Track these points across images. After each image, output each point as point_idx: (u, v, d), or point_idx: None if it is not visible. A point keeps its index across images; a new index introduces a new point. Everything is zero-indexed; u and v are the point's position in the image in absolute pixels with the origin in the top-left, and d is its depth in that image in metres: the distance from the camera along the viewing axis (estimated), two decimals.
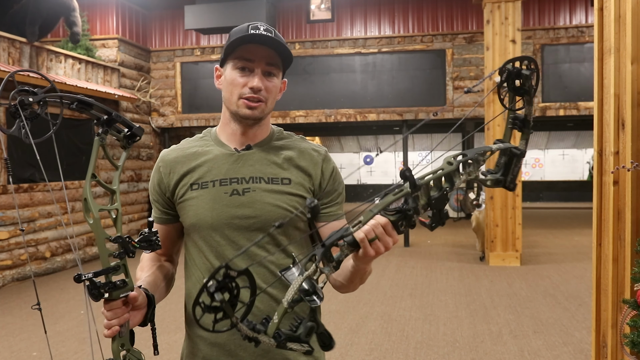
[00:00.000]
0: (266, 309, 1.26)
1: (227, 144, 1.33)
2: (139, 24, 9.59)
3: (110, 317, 1.07)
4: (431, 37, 9.08)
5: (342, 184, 1.41)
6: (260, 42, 1.25)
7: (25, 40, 6.71)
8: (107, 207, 1.09)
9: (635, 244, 2.19)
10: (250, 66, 1.26)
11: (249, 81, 1.26)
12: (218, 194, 1.28)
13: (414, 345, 4.01)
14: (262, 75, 1.27)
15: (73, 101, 1.05)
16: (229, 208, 1.27)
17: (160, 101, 9.74)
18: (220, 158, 1.31)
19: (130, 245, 1.06)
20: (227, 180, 1.28)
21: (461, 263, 7.09)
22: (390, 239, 0.96)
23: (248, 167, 1.30)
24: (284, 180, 1.30)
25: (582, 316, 4.65)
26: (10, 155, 6.22)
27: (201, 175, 1.30)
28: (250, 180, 1.28)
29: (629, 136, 2.22)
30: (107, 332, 1.08)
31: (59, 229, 7.06)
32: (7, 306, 5.30)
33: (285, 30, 9.54)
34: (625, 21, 2.23)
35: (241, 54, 1.26)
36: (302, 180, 1.32)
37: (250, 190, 1.27)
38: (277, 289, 1.28)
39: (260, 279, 1.27)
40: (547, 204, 16.53)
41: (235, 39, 1.25)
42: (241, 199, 1.27)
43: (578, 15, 8.90)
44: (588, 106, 8.65)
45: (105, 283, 1.05)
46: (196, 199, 1.28)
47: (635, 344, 2.00)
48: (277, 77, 1.30)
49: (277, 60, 1.28)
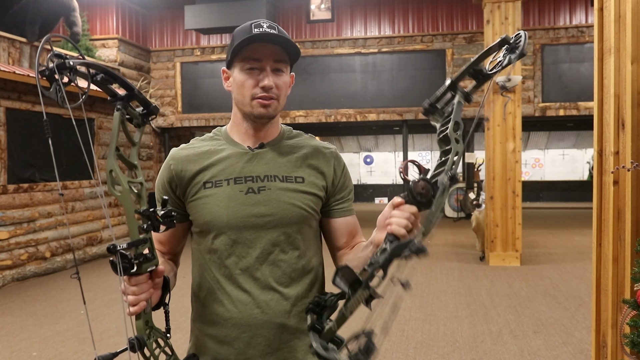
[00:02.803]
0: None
1: (240, 143, 1.34)
2: (139, 24, 9.59)
3: (138, 292, 1.04)
4: (431, 37, 9.08)
5: (351, 181, 1.44)
6: (266, 40, 1.25)
7: (25, 40, 6.71)
8: (134, 180, 1.07)
9: (635, 244, 2.19)
10: (258, 65, 1.27)
11: (260, 80, 1.26)
12: (233, 192, 1.27)
13: (414, 345, 4.01)
14: (272, 72, 1.27)
15: (100, 72, 1.02)
16: (245, 206, 1.27)
17: (160, 101, 9.74)
18: (233, 156, 1.31)
19: (155, 219, 1.04)
20: (242, 178, 1.28)
21: (461, 263, 7.09)
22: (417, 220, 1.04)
23: (262, 166, 1.30)
24: (297, 178, 1.31)
25: (582, 316, 4.65)
26: (10, 155, 6.22)
27: (215, 174, 1.29)
28: (265, 178, 1.29)
29: (629, 136, 2.22)
30: (134, 308, 1.04)
31: (59, 229, 7.06)
32: (7, 306, 5.30)
33: (285, 30, 9.53)
34: (625, 21, 2.23)
35: (248, 55, 1.26)
36: (315, 178, 1.33)
37: (266, 189, 1.28)
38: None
39: (274, 280, 1.28)
40: (547, 204, 16.52)
41: (242, 40, 1.24)
42: (257, 197, 1.27)
43: (578, 15, 8.90)
44: (588, 106, 8.65)
45: (136, 255, 1.02)
46: (211, 197, 1.28)
47: (635, 344, 2.00)
48: (285, 73, 1.31)
49: (284, 56, 1.28)
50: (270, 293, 1.28)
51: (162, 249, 1.36)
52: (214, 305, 1.30)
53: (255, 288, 1.28)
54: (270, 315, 1.28)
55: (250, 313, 1.27)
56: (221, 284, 1.29)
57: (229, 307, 1.29)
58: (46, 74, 0.96)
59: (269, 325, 1.28)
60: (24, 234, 6.47)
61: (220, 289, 1.30)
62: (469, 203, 8.02)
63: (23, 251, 6.43)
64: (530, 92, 8.83)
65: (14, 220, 6.31)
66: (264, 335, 1.28)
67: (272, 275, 1.28)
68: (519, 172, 6.85)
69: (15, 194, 6.33)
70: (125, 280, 1.04)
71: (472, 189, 8.78)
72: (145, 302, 1.05)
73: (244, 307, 1.28)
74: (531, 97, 8.83)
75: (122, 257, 1.00)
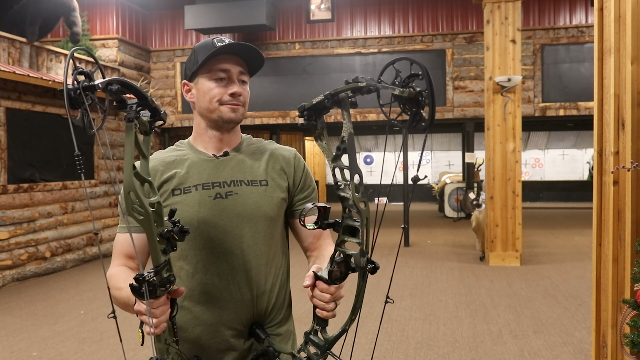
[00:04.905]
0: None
1: (204, 152, 1.39)
2: (139, 24, 9.59)
3: (159, 314, 1.06)
4: (431, 37, 9.08)
5: (313, 181, 1.50)
6: (237, 50, 1.33)
7: (25, 40, 6.71)
8: (153, 200, 1.00)
9: (635, 244, 2.19)
10: (226, 76, 1.34)
11: (228, 89, 1.34)
12: (202, 198, 1.32)
13: (414, 345, 4.01)
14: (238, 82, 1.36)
15: (117, 83, 0.94)
16: (214, 211, 1.32)
17: (160, 101, 9.74)
18: (199, 164, 1.37)
19: (172, 238, 1.03)
20: (209, 184, 1.34)
21: (461, 263, 7.09)
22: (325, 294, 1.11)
23: (229, 172, 1.36)
24: (262, 182, 1.38)
25: (582, 316, 4.65)
26: (10, 155, 6.22)
27: (182, 181, 1.34)
28: (232, 183, 1.35)
29: (629, 136, 2.22)
30: (157, 330, 1.06)
31: (59, 229, 7.06)
32: (7, 306, 5.30)
33: (285, 30, 9.54)
34: (625, 21, 2.23)
35: (216, 67, 1.33)
36: (278, 180, 1.40)
37: (233, 193, 1.34)
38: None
39: (234, 280, 1.33)
40: (547, 204, 16.52)
41: (214, 50, 1.30)
42: (225, 202, 1.33)
43: (578, 15, 8.90)
44: (588, 106, 8.65)
45: (162, 281, 1.02)
46: (180, 203, 1.32)
47: (635, 344, 2.00)
48: (247, 84, 1.40)
49: (246, 69, 1.38)
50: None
51: (133, 264, 1.35)
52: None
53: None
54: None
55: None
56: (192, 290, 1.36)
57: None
58: (71, 96, 0.90)
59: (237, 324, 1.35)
60: (24, 234, 6.46)
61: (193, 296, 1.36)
62: (469, 203, 8.02)
63: (23, 251, 6.43)
64: (530, 92, 8.83)
65: (14, 220, 6.31)
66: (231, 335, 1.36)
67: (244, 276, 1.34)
68: (519, 172, 6.85)
69: (15, 194, 6.33)
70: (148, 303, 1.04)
71: (472, 189, 8.78)
72: (166, 322, 1.08)
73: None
74: (531, 97, 8.83)
75: (148, 285, 0.99)
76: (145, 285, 0.98)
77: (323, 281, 1.09)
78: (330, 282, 1.07)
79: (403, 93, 0.99)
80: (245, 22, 8.70)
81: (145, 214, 0.97)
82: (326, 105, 0.99)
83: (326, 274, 1.07)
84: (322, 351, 1.10)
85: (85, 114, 0.91)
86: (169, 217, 1.07)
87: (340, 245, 1.03)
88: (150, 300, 1.02)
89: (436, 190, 13.95)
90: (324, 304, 1.10)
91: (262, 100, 9.27)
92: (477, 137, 14.00)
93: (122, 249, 1.34)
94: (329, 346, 1.10)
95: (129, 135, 0.96)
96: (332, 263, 1.05)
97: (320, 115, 1.01)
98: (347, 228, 1.02)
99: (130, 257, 1.34)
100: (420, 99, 1.00)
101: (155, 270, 1.00)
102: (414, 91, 1.00)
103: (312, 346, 1.13)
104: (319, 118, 1.01)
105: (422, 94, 1.00)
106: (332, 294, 1.10)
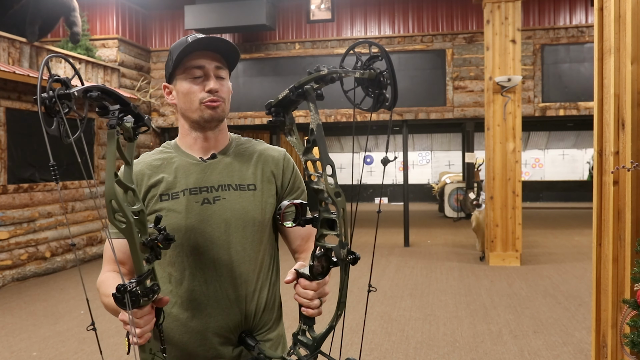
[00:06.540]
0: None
1: (191, 154, 1.36)
2: (139, 24, 9.59)
3: (143, 325, 1.04)
4: (431, 37, 9.08)
5: (302, 182, 1.45)
6: (207, 44, 1.29)
7: (25, 40, 6.71)
8: (135, 209, 0.99)
9: (635, 244, 2.19)
10: (202, 73, 1.30)
11: (205, 86, 1.30)
12: (189, 204, 1.29)
13: (414, 345, 4.00)
14: (215, 78, 1.32)
15: (97, 90, 0.93)
16: (202, 217, 1.29)
17: (160, 101, 9.74)
18: (186, 167, 1.33)
19: (157, 246, 1.02)
20: (197, 189, 1.31)
21: (461, 263, 7.09)
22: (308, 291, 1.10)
23: (216, 175, 1.33)
24: (250, 186, 1.34)
25: (582, 316, 4.65)
26: (10, 155, 6.22)
27: (170, 186, 1.31)
28: (220, 188, 1.32)
29: (629, 136, 2.22)
30: (141, 340, 1.04)
31: (59, 229, 7.06)
32: (7, 306, 5.30)
33: (285, 30, 9.54)
34: (625, 21, 2.23)
35: (190, 64, 1.30)
36: (268, 182, 1.36)
37: (221, 198, 1.31)
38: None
39: (220, 284, 1.31)
40: (547, 204, 16.52)
41: (185, 47, 1.27)
42: (212, 208, 1.30)
43: (578, 15, 8.90)
44: (588, 106, 8.65)
45: (144, 292, 1.00)
46: (167, 209, 1.29)
47: (635, 344, 2.00)
48: (226, 80, 1.35)
49: (223, 62, 1.34)
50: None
51: (124, 270, 1.33)
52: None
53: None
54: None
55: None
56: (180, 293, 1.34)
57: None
58: (46, 104, 0.88)
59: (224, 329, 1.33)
60: (24, 234, 6.46)
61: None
62: (469, 203, 8.02)
63: (23, 251, 6.43)
64: (530, 92, 8.83)
65: (14, 220, 6.31)
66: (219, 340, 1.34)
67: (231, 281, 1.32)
68: (519, 172, 6.84)
69: (15, 194, 6.33)
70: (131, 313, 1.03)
71: (472, 189, 8.78)
72: (150, 332, 1.07)
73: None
74: (531, 97, 8.83)
75: (132, 294, 0.97)
76: (127, 295, 0.96)
77: (305, 278, 1.08)
78: (312, 277, 1.06)
79: (364, 75, 1.00)
80: (245, 22, 8.69)
81: (128, 223, 0.95)
82: (292, 99, 1.00)
83: (307, 270, 1.07)
84: (311, 351, 1.08)
85: (61, 122, 0.89)
86: (154, 224, 1.05)
87: (319, 240, 1.02)
88: (133, 310, 0.99)
89: (436, 190, 13.96)
90: (308, 301, 1.09)
91: (262, 100, 9.27)
92: (477, 137, 14.00)
93: (111, 254, 1.32)
94: (318, 345, 1.09)
95: (110, 143, 0.94)
96: (313, 258, 1.04)
97: (288, 111, 1.03)
98: (325, 221, 1.02)
99: (121, 262, 1.32)
100: (382, 80, 1.00)
101: (137, 280, 0.98)
102: (374, 72, 1.00)
103: (302, 347, 1.11)
104: (287, 114, 1.02)
105: (383, 74, 1.00)
106: (314, 290, 1.09)
